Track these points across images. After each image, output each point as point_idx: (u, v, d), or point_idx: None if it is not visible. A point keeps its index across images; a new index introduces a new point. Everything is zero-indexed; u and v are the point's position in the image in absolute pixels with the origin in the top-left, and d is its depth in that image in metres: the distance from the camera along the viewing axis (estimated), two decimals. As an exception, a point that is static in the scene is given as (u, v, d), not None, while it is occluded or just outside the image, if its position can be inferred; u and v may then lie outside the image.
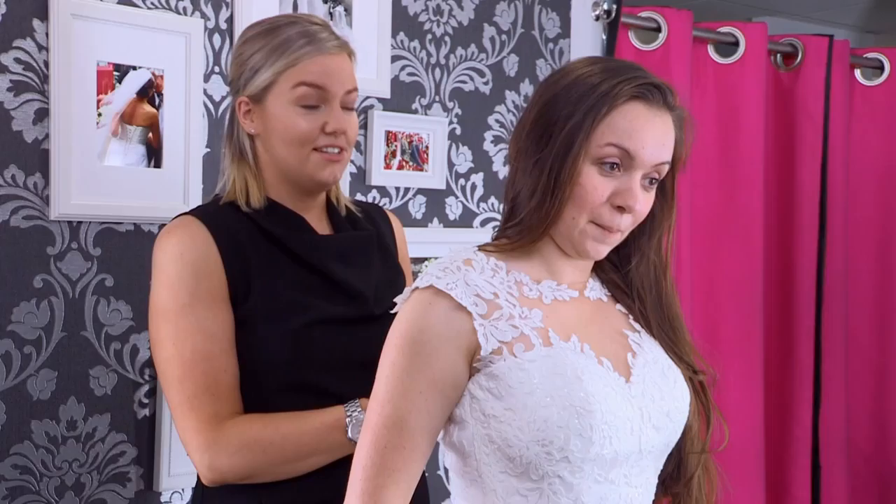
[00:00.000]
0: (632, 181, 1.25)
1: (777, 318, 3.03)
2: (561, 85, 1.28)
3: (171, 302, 1.49)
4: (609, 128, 1.23)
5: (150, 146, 1.90)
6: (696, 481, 1.36)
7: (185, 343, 1.47)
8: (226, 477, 1.47)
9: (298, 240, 1.57)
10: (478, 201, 2.42)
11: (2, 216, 1.75)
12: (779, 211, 3.03)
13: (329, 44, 1.55)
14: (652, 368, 1.30)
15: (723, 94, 2.86)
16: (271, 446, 1.47)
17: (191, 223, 1.53)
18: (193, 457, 1.48)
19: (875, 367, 3.27)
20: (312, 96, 1.53)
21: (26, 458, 1.77)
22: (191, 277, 1.48)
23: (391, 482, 1.22)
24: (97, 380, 1.84)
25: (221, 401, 1.48)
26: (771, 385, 3.00)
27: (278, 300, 1.52)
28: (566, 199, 1.24)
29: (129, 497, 1.88)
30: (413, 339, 1.23)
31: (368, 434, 1.23)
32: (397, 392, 1.22)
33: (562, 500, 1.22)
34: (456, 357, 1.23)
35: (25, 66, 1.77)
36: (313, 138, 1.54)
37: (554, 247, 1.30)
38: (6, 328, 1.75)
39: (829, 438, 3.10)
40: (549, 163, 1.24)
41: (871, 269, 3.25)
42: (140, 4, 1.89)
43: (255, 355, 1.51)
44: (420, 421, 1.22)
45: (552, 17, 2.54)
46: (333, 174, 1.58)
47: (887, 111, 3.23)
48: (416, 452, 1.23)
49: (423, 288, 1.24)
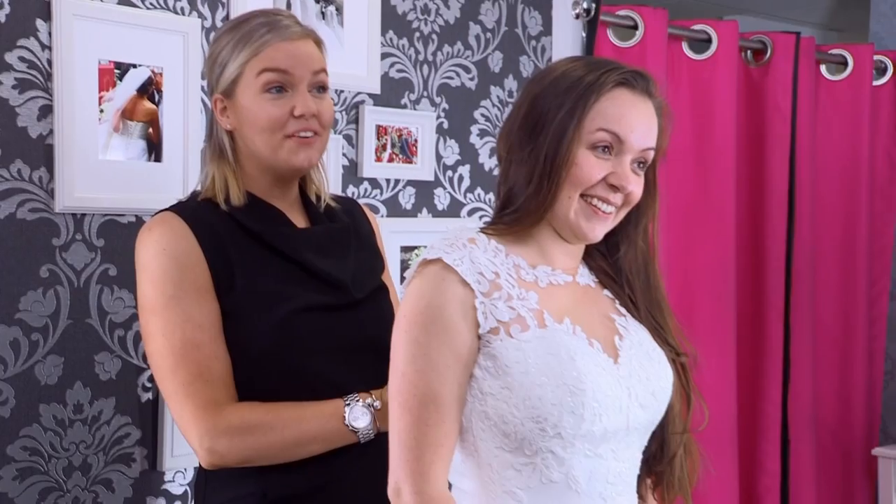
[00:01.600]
0: (623, 164, 1.27)
1: (749, 302, 3.05)
2: (548, 80, 1.30)
3: (158, 296, 1.47)
4: (599, 114, 1.25)
5: (151, 141, 1.90)
6: (678, 460, 1.37)
7: (175, 334, 1.46)
8: (226, 460, 1.46)
9: (276, 234, 1.56)
10: (465, 192, 2.43)
11: (8, 209, 1.74)
12: (750, 200, 3.05)
13: (290, 30, 1.54)
14: (638, 350, 1.31)
15: (696, 89, 2.87)
16: (272, 431, 1.46)
17: (171, 218, 1.51)
18: (192, 442, 1.47)
19: (840, 349, 3.29)
20: (278, 81, 1.52)
21: (35, 441, 1.77)
22: (175, 270, 1.47)
23: (437, 458, 1.22)
24: (102, 365, 1.84)
25: (216, 387, 1.47)
26: (743, 366, 3.02)
27: (261, 292, 1.51)
28: (563, 181, 1.25)
29: (134, 477, 1.88)
30: (433, 313, 1.22)
31: (404, 415, 1.22)
32: (426, 367, 1.21)
33: (553, 474, 1.23)
34: (471, 332, 1.23)
35: (29, 64, 1.76)
36: (283, 123, 1.52)
37: (549, 233, 1.31)
38: (14, 316, 1.75)
39: (798, 415, 3.12)
40: (545, 150, 1.25)
41: (836, 256, 3.28)
42: (139, 5, 1.89)
43: (243, 345, 1.50)
44: (453, 393, 1.22)
45: (534, 15, 2.55)
46: (308, 159, 1.56)
47: (850, 104, 3.25)
48: (454, 424, 1.23)
49: (431, 260, 1.24)
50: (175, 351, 1.46)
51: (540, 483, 1.23)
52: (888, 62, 3.34)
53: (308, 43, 1.56)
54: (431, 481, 1.21)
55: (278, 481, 1.49)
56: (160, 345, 1.47)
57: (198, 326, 1.47)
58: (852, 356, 3.31)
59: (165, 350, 1.47)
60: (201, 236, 1.50)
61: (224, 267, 1.50)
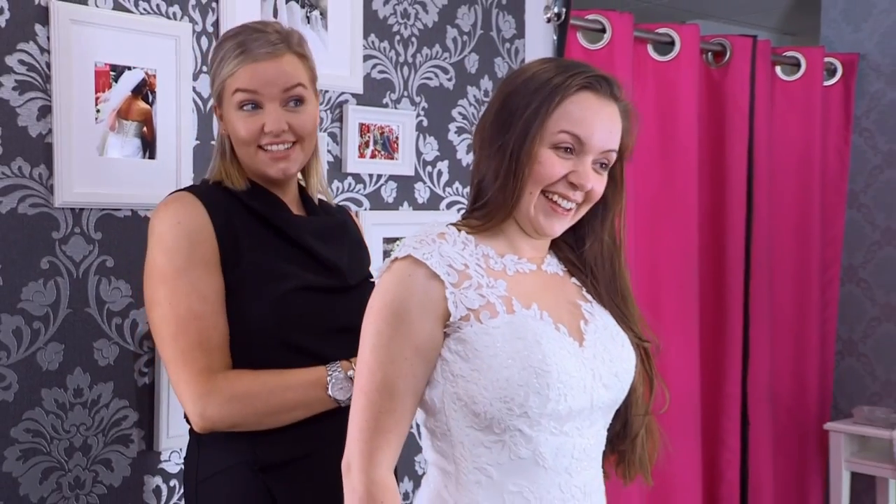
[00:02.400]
0: (584, 164, 1.27)
1: (711, 289, 3.07)
2: (519, 80, 1.30)
3: (168, 265, 1.49)
4: (562, 116, 1.25)
5: (145, 139, 1.89)
6: (640, 440, 1.38)
7: (181, 303, 1.47)
8: (216, 425, 1.47)
9: (280, 217, 1.58)
10: (444, 186, 2.43)
11: (10, 204, 1.73)
12: (711, 193, 3.07)
13: (260, 51, 1.53)
14: (602, 334, 1.32)
15: (661, 89, 2.88)
16: (258, 399, 1.47)
17: (187, 196, 1.53)
18: (186, 406, 1.48)
19: (795, 331, 3.32)
20: (249, 100, 1.53)
21: (38, 423, 1.76)
22: (187, 244, 1.49)
23: (384, 443, 1.23)
24: (100, 351, 1.84)
25: (212, 356, 1.48)
26: (706, 348, 3.04)
27: (264, 269, 1.52)
28: (527, 178, 1.26)
29: (132, 457, 1.88)
30: (396, 309, 1.23)
31: (362, 399, 1.24)
32: (386, 360, 1.23)
33: (521, 451, 1.24)
34: (434, 324, 1.24)
35: (29, 67, 1.75)
36: (255, 139, 1.54)
37: (515, 228, 1.32)
38: (17, 306, 1.74)
39: (756, 393, 3.15)
40: (511, 147, 1.26)
41: (791, 245, 3.30)
42: (133, 10, 1.87)
43: (243, 318, 1.51)
44: (407, 385, 1.24)
45: (508, 19, 2.54)
46: (282, 170, 1.57)
47: (803, 102, 3.28)
48: (406, 413, 1.25)
49: (401, 258, 1.25)
50: (178, 319, 1.47)
51: (509, 459, 1.24)
52: (837, 64, 3.37)
53: (281, 62, 1.54)
54: (376, 464, 1.23)
55: (267, 450, 1.50)
56: (165, 312, 1.48)
57: (202, 298, 1.48)
58: (806, 338, 3.34)
59: (169, 317, 1.48)
60: (213, 214, 1.51)
61: (232, 244, 1.51)
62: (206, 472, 1.54)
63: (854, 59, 3.41)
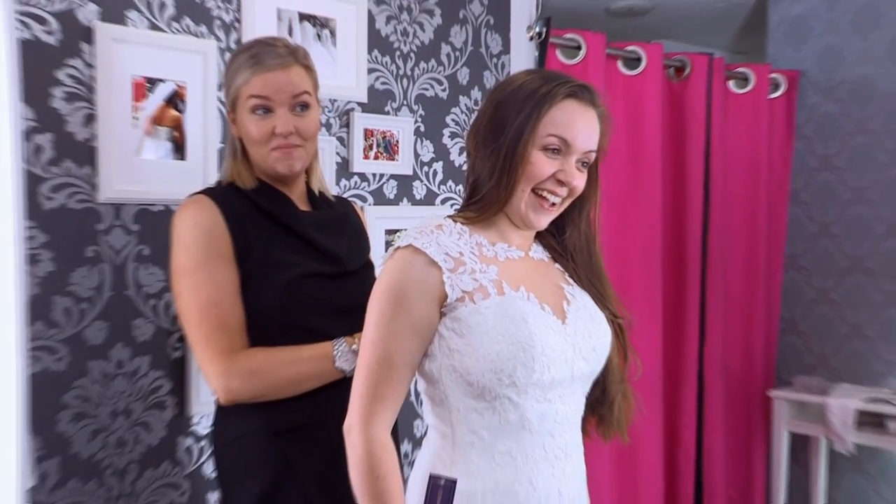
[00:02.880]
0: (569, 163, 1.27)
1: (672, 275, 3.07)
2: (509, 90, 1.29)
3: (189, 261, 1.49)
4: (550, 121, 1.25)
5: (176, 143, 1.89)
6: (617, 404, 1.39)
7: (201, 292, 1.47)
8: (238, 397, 1.47)
9: (286, 213, 1.57)
10: (438, 184, 2.43)
11: (60, 200, 1.73)
12: (673, 191, 3.07)
13: (271, 62, 1.53)
14: (582, 313, 1.32)
15: (629, 100, 2.88)
16: (273, 372, 1.48)
17: (202, 199, 1.53)
18: (211, 382, 1.49)
19: (744, 312, 3.33)
20: (261, 105, 1.53)
21: (86, 391, 1.77)
22: (204, 241, 1.49)
23: (382, 408, 1.24)
24: (139, 329, 1.84)
25: (231, 337, 1.48)
26: (668, 327, 3.05)
27: (273, 259, 1.52)
28: (519, 176, 1.26)
29: (167, 420, 1.88)
30: (398, 292, 1.23)
31: (363, 369, 1.25)
32: (386, 336, 1.23)
33: (510, 416, 1.24)
34: (430, 306, 1.24)
35: (76, 80, 1.74)
36: (267, 139, 1.54)
37: (506, 220, 1.32)
38: (66, 289, 1.74)
39: (711, 365, 3.16)
40: (505, 150, 1.26)
41: (741, 237, 3.31)
42: (166, 29, 1.87)
43: (256, 303, 1.51)
44: (404, 358, 1.24)
45: (496, 37, 2.54)
46: (289, 167, 1.57)
47: (751, 112, 3.29)
48: (402, 383, 1.25)
49: (403, 247, 1.25)
50: (200, 307, 1.47)
51: (499, 424, 1.24)
52: (781, 79, 3.38)
53: (289, 72, 1.54)
54: (375, 426, 1.23)
55: (281, 417, 1.50)
56: (188, 301, 1.48)
57: (219, 287, 1.48)
58: (754, 318, 3.36)
59: (192, 306, 1.48)
60: (226, 214, 1.51)
61: (243, 239, 1.51)
62: (229, 437, 1.55)
63: (795, 75, 3.42)
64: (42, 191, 1.71)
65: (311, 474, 1.48)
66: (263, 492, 1.48)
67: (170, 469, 1.89)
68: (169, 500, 1.89)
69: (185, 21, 1.91)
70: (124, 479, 1.82)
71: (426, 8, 2.38)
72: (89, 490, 1.77)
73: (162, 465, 1.88)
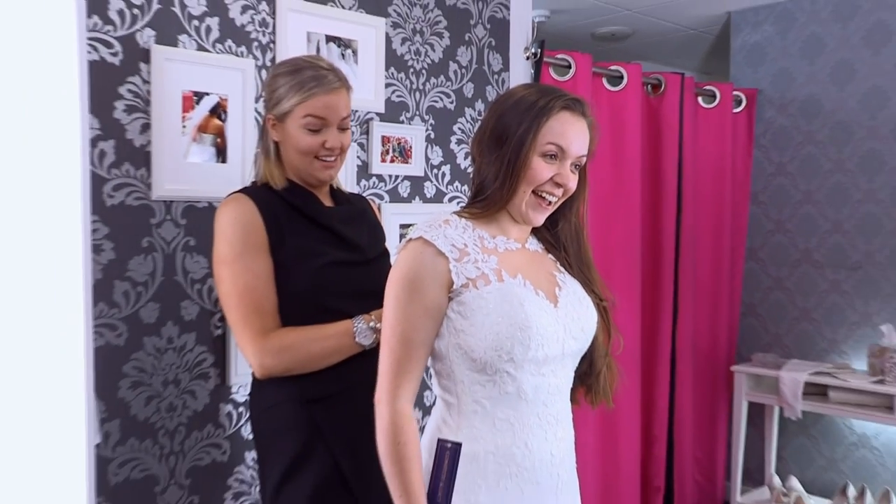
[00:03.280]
0: (565, 167, 1.27)
1: (649, 263, 3.08)
2: (510, 103, 1.28)
3: (229, 252, 1.48)
4: (549, 131, 1.24)
5: (218, 148, 1.89)
6: (602, 375, 1.38)
7: (239, 280, 1.47)
8: (272, 372, 1.47)
9: (314, 209, 1.56)
10: (447, 184, 2.42)
11: (120, 198, 1.73)
12: (651, 191, 3.07)
13: (332, 85, 1.53)
14: (572, 298, 1.31)
15: (612, 112, 2.88)
16: (302, 348, 1.47)
17: (241, 197, 1.52)
18: (248, 358, 1.48)
19: (711, 297, 3.34)
20: (316, 124, 1.52)
21: (141, 362, 1.77)
22: (242, 234, 1.48)
23: (405, 381, 1.24)
24: (186, 309, 1.84)
25: (266, 319, 1.47)
26: (645, 308, 3.06)
27: (302, 249, 1.51)
28: (521, 180, 1.25)
29: (210, 389, 1.89)
30: (412, 279, 1.23)
31: (387, 349, 1.25)
32: (403, 318, 1.23)
33: (508, 388, 1.24)
34: (440, 291, 1.23)
35: (134, 94, 1.74)
36: (315, 152, 1.53)
37: (506, 216, 1.31)
38: (125, 274, 1.75)
39: (682, 344, 3.17)
40: (508, 156, 1.25)
41: (709, 231, 3.31)
42: (211, 50, 1.87)
43: (288, 288, 1.50)
44: (420, 337, 1.24)
45: (497, 57, 2.53)
46: (329, 175, 1.58)
47: (717, 124, 3.29)
48: (421, 359, 1.25)
49: (414, 239, 1.24)
50: (238, 292, 1.47)
51: (498, 394, 1.24)
52: (742, 96, 3.39)
53: (341, 94, 1.54)
54: (398, 398, 1.23)
55: (312, 387, 1.50)
56: (228, 287, 1.48)
57: (255, 275, 1.47)
58: (719, 302, 3.36)
59: (231, 291, 1.47)
60: (262, 210, 1.50)
61: (276, 232, 1.50)
62: (265, 404, 1.54)
63: (754, 93, 3.42)
64: (105, 190, 1.72)
65: (338, 437, 1.48)
66: (297, 452, 1.48)
67: (212, 431, 1.90)
68: (212, 457, 1.90)
69: (227, 42, 1.90)
70: (174, 439, 1.83)
71: (436, 31, 2.37)
72: (145, 447, 1.78)
73: (206, 428, 1.88)
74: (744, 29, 3.45)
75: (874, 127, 3.09)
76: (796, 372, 3.02)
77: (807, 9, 3.24)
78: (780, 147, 3.37)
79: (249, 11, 1.94)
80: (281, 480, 1.49)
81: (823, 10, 3.20)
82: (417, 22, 2.31)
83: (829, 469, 3.24)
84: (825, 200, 3.24)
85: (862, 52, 3.11)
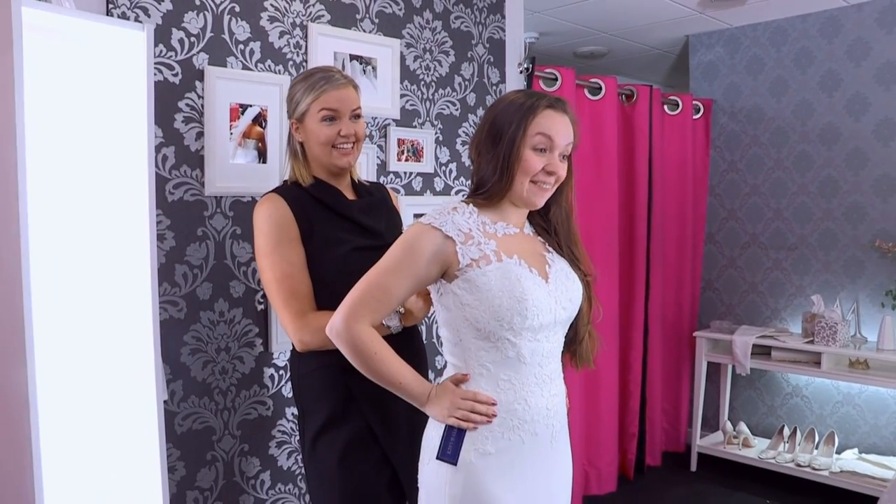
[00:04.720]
0: (554, 157, 1.24)
1: (625, 245, 3.07)
2: (501, 106, 1.26)
3: (266, 245, 1.46)
4: (537, 126, 1.22)
5: (260, 151, 1.88)
6: (585, 342, 1.37)
7: (276, 269, 1.45)
8: (309, 347, 1.45)
9: (337, 202, 1.54)
10: (453, 180, 2.41)
11: (179, 195, 1.73)
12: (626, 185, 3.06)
13: (339, 81, 1.50)
14: (560, 274, 1.29)
15: (592, 118, 2.86)
16: None
17: (274, 196, 1.50)
18: (290, 335, 1.47)
19: (677, 274, 3.34)
20: (330, 115, 1.50)
21: (198, 333, 1.78)
22: (277, 229, 1.46)
23: (366, 312, 1.22)
24: (234, 288, 1.84)
25: (303, 302, 1.45)
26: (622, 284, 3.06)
27: (329, 238, 1.50)
28: (516, 172, 1.23)
29: (255, 355, 1.89)
30: (412, 244, 1.21)
31: (364, 283, 1.22)
32: (390, 272, 1.21)
33: (509, 353, 1.23)
34: (432, 265, 1.21)
35: (191, 107, 1.73)
36: (332, 141, 1.50)
37: (507, 204, 1.29)
38: (183, 259, 1.75)
39: (653, 314, 3.17)
40: (503, 153, 1.23)
41: (675, 218, 3.31)
42: (254, 69, 1.85)
43: (319, 273, 1.49)
44: (397, 291, 1.21)
45: (495, 71, 2.51)
46: (348, 161, 1.54)
47: (680, 129, 3.28)
48: (389, 306, 1.23)
49: (426, 222, 1.22)
50: (277, 279, 1.45)
51: (501, 358, 1.23)
52: (700, 105, 3.40)
53: (349, 89, 1.52)
54: (357, 322, 1.21)
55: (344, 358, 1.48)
56: (269, 276, 1.46)
57: (290, 264, 1.46)
58: (683, 279, 3.36)
59: (272, 279, 1.46)
60: (293, 206, 1.48)
61: (306, 225, 1.48)
62: (303, 370, 1.53)
63: (710, 102, 3.42)
64: (167, 188, 1.71)
65: (368, 400, 1.47)
66: (333, 411, 1.48)
67: (258, 390, 1.90)
68: (258, 413, 1.90)
69: (267, 62, 1.89)
70: (227, 397, 1.83)
71: (443, 50, 2.35)
72: (203, 404, 1.79)
73: (252, 388, 1.89)
74: (699, 50, 3.48)
75: (804, 132, 3.16)
76: (746, 336, 3.06)
77: (749, 35, 3.32)
78: (731, 148, 3.39)
79: (286, 36, 1.93)
80: (317, 434, 1.49)
81: (762, 35, 3.28)
82: (427, 42, 2.29)
83: (769, 415, 3.30)
84: (768, 192, 3.28)
85: (793, 71, 3.20)
